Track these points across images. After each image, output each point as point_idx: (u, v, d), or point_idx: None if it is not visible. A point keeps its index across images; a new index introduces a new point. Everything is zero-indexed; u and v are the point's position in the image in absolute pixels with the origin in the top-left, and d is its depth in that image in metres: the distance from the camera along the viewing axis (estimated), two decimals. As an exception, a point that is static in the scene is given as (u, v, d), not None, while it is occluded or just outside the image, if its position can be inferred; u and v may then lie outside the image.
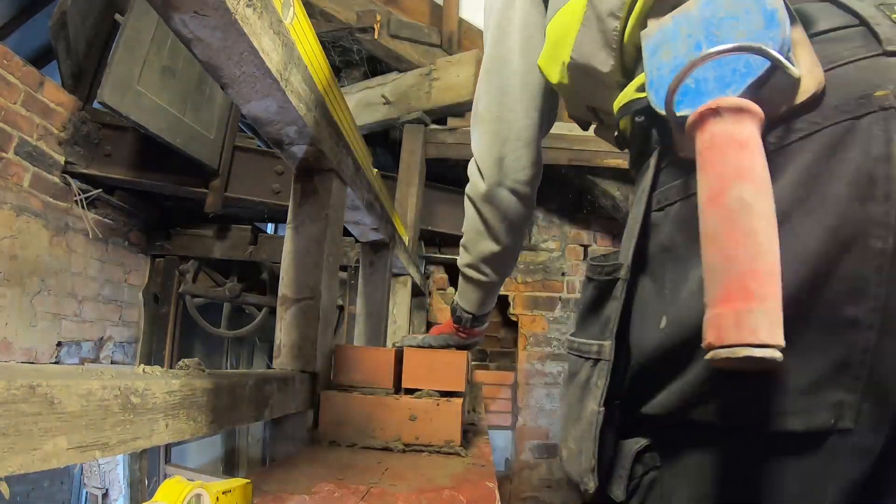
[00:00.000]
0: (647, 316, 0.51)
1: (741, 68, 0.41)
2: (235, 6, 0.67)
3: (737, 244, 0.36)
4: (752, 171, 0.37)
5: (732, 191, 0.37)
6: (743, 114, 0.39)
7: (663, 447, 0.51)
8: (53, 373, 0.45)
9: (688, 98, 0.44)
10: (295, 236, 1.19)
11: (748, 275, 0.36)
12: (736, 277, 0.36)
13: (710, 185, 0.39)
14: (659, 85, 0.47)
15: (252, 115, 0.95)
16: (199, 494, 0.48)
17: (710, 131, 0.40)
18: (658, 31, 0.49)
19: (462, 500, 0.78)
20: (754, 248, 0.36)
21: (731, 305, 0.36)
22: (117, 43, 2.07)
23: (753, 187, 0.37)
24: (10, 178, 2.11)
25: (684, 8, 0.47)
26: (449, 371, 1.22)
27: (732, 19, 0.43)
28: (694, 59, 0.42)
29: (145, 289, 3.02)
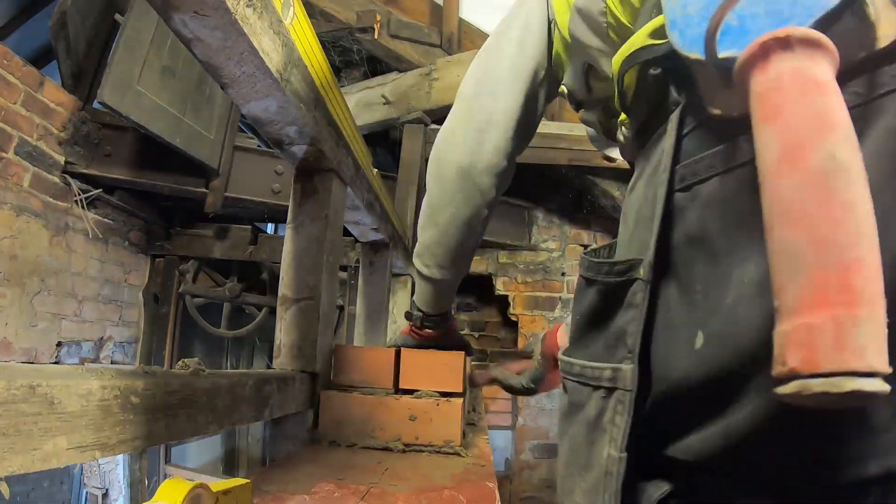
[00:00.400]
0: (675, 330, 0.39)
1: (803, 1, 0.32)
2: (235, 6, 0.67)
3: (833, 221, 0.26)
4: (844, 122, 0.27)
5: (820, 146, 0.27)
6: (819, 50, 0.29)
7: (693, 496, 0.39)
8: (53, 373, 0.45)
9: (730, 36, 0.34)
10: (295, 236, 1.19)
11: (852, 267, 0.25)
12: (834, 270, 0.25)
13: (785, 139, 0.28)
14: (685, 24, 0.37)
15: (252, 115, 0.95)
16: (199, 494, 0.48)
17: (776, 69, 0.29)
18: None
19: (462, 500, 0.78)
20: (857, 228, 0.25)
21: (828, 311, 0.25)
22: (117, 43, 2.07)
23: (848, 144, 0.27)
24: (10, 178, 2.11)
25: None
26: (447, 372, 1.22)
27: None
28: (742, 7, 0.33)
29: (145, 289, 3.02)
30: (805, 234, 0.26)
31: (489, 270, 3.33)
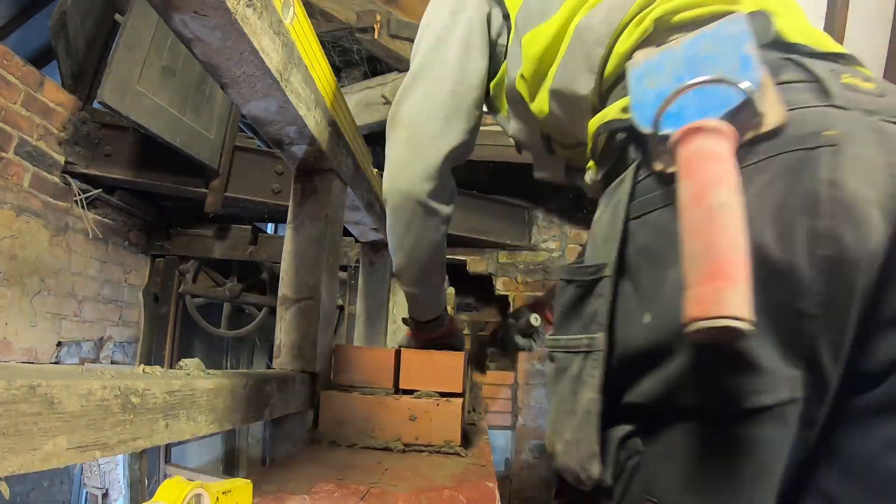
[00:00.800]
0: (630, 313, 0.56)
1: (718, 99, 0.50)
2: (235, 6, 0.67)
3: (717, 235, 0.43)
4: (729, 179, 0.45)
5: (713, 193, 0.44)
6: (721, 133, 0.47)
7: (646, 433, 0.56)
8: (53, 373, 0.45)
9: (670, 119, 0.51)
10: (295, 236, 1.19)
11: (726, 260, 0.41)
12: (716, 261, 0.42)
13: (693, 188, 0.46)
14: (643, 107, 0.54)
15: (252, 115, 0.94)
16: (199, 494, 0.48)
17: (693, 145, 0.47)
18: (644, 62, 0.57)
19: (462, 500, 0.78)
20: (731, 239, 0.42)
21: (712, 283, 0.41)
22: (117, 43, 2.07)
23: (730, 191, 0.44)
24: (10, 178, 2.11)
25: (670, 46, 0.56)
26: (447, 372, 1.22)
27: (713, 59, 0.51)
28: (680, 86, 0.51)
29: (145, 289, 3.02)
30: (700, 243, 0.43)
31: (489, 270, 3.33)
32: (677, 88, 0.50)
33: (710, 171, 0.45)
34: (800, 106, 0.50)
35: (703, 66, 0.51)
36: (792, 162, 0.48)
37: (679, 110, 0.51)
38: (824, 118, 0.49)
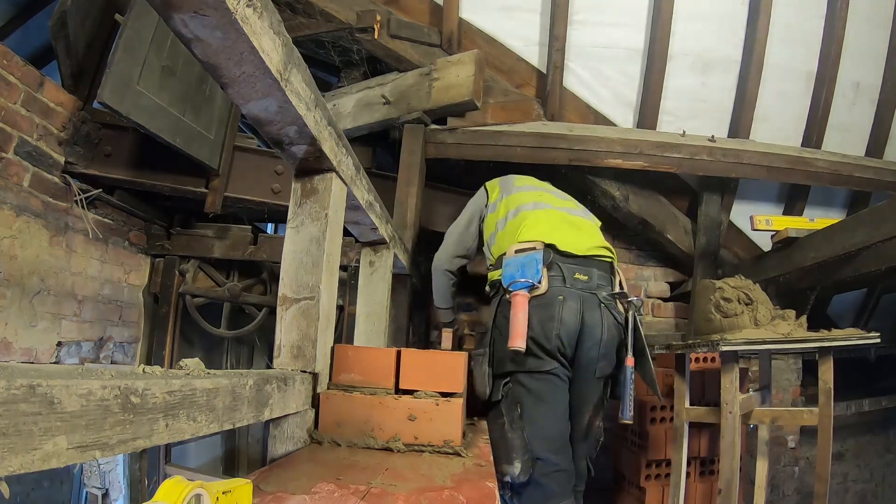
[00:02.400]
0: (499, 342, 1.63)
1: (527, 280, 1.60)
2: (235, 6, 0.67)
3: (518, 322, 1.53)
4: (525, 308, 1.55)
5: (519, 312, 1.54)
6: (525, 295, 1.58)
7: (511, 380, 1.62)
8: (53, 373, 0.45)
9: (512, 284, 1.62)
10: (295, 236, 1.19)
11: (519, 330, 1.51)
12: (518, 330, 1.52)
13: (516, 309, 1.55)
14: (505, 277, 1.66)
15: (252, 115, 0.94)
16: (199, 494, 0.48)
17: (515, 297, 1.58)
18: (510, 258, 1.68)
19: (462, 500, 0.78)
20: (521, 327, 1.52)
21: (515, 338, 1.51)
22: (117, 43, 2.07)
23: (523, 312, 1.54)
24: (10, 178, 2.11)
25: (517, 254, 1.67)
26: (447, 372, 1.22)
27: (528, 265, 1.62)
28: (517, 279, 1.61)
29: (145, 289, 3.02)
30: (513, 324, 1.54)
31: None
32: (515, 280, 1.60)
33: (518, 306, 1.55)
34: (554, 285, 1.60)
35: (526, 268, 1.60)
36: (547, 303, 1.58)
37: (514, 283, 1.61)
38: (561, 290, 1.59)
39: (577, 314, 1.56)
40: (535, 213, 1.76)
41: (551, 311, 1.54)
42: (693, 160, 2.97)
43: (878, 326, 2.42)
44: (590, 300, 1.59)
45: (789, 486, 2.98)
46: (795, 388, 2.94)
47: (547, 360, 1.55)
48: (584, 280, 1.60)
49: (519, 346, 1.43)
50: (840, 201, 3.42)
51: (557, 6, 2.89)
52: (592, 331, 1.57)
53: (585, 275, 1.60)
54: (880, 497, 3.54)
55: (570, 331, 1.55)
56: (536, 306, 1.54)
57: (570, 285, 1.57)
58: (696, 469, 2.52)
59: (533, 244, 1.62)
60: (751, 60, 2.99)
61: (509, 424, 1.52)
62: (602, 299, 1.60)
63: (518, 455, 1.45)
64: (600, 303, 1.60)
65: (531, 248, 1.62)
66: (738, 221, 3.31)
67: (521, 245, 1.64)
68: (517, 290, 1.53)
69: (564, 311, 1.54)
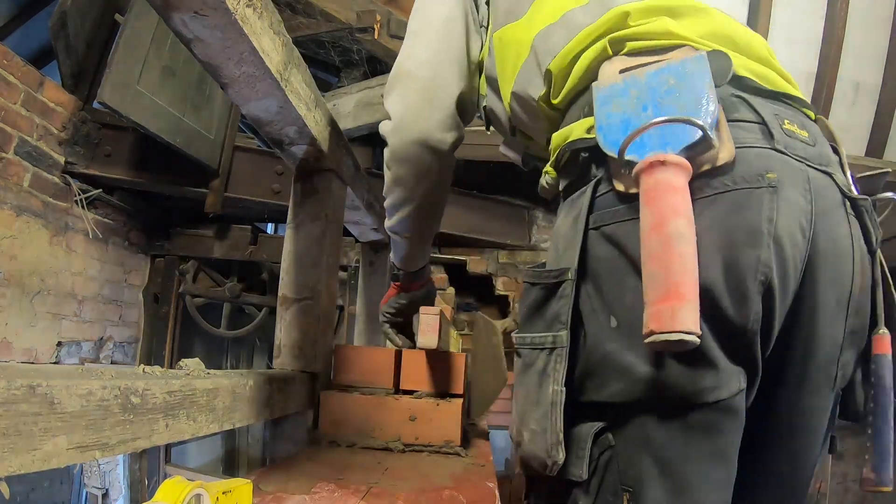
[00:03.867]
0: (595, 314, 0.61)
1: (678, 133, 0.55)
2: (235, 6, 0.67)
3: (673, 261, 0.50)
4: (685, 211, 0.52)
5: (671, 223, 0.51)
6: (680, 168, 0.53)
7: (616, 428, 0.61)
8: (53, 373, 0.45)
9: (634, 147, 0.56)
10: (295, 236, 1.19)
11: (681, 284, 0.49)
12: (672, 284, 0.49)
13: (654, 216, 0.52)
14: (608, 131, 0.59)
15: (252, 115, 0.94)
16: (199, 494, 0.48)
17: (655, 177, 0.53)
18: (609, 86, 0.61)
19: (462, 500, 0.78)
20: (685, 266, 0.50)
21: (668, 303, 0.49)
22: (117, 43, 2.07)
23: (686, 222, 0.51)
24: (10, 178, 2.11)
25: (635, 73, 0.60)
26: (447, 372, 1.22)
27: (675, 93, 0.57)
28: (646, 123, 0.55)
29: (145, 289, 3.02)
30: (660, 267, 0.50)
31: (489, 270, 3.33)
32: (645, 125, 0.55)
33: (669, 203, 0.52)
34: (748, 144, 0.58)
35: (666, 98, 0.57)
36: (739, 199, 0.56)
37: (642, 139, 0.56)
38: (767, 161, 0.57)
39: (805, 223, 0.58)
40: None
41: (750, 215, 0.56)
42: (693, 160, 2.96)
43: (878, 326, 2.41)
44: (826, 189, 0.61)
45: (789, 486, 2.98)
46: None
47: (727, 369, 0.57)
48: (805, 138, 0.61)
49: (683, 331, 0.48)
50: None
51: (557, 6, 2.88)
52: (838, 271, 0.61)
53: (803, 128, 0.63)
54: (880, 497, 3.54)
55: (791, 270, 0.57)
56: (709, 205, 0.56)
57: (785, 148, 0.58)
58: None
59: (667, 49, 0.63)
60: (751, 60, 2.99)
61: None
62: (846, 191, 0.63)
63: None
64: (844, 199, 0.62)
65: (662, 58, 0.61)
66: (738, 221, 3.30)
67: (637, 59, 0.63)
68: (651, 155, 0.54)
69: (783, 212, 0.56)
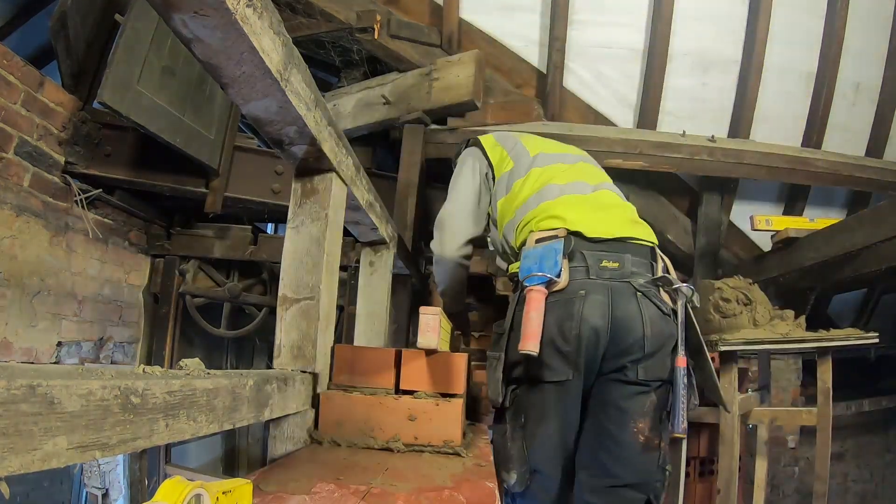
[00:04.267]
0: (513, 343, 1.30)
1: (543, 275, 1.28)
2: (235, 6, 0.67)
3: (531, 322, 1.22)
4: (539, 307, 1.24)
5: (532, 311, 1.24)
6: (541, 291, 1.26)
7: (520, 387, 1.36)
8: (53, 373, 0.45)
9: (528, 280, 1.29)
10: (295, 236, 1.19)
11: (531, 332, 1.21)
12: (529, 331, 1.21)
13: (527, 308, 1.25)
14: (522, 270, 1.34)
15: (252, 115, 0.94)
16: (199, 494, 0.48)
17: (529, 293, 1.27)
18: (528, 250, 1.37)
19: (462, 500, 0.78)
20: (534, 327, 1.22)
21: (529, 339, 1.21)
22: (117, 43, 2.07)
23: (536, 311, 1.24)
24: (10, 178, 2.11)
25: (533, 246, 1.37)
26: (448, 373, 1.22)
27: (546, 258, 1.31)
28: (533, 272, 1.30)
29: (145, 289, 3.02)
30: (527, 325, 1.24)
31: (489, 270, 3.33)
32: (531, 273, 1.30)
33: (533, 303, 1.25)
34: (575, 278, 1.30)
35: (544, 260, 1.30)
36: (566, 300, 1.28)
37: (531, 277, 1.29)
38: (583, 284, 1.29)
39: (603, 308, 1.27)
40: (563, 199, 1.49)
41: (570, 309, 1.27)
42: (693, 160, 2.97)
43: (878, 326, 2.42)
44: (621, 290, 1.30)
45: (789, 486, 2.98)
46: (795, 388, 2.94)
47: (561, 369, 1.29)
48: (614, 267, 1.32)
49: (530, 350, 1.20)
50: (840, 201, 3.42)
51: (557, 6, 2.89)
52: (629, 325, 1.28)
53: (616, 261, 1.32)
54: (880, 497, 3.54)
55: (594, 329, 1.27)
56: (554, 303, 1.28)
57: (596, 276, 1.30)
58: (696, 469, 2.52)
59: (555, 231, 1.38)
60: (751, 60, 2.99)
61: (511, 433, 1.37)
62: (638, 287, 1.31)
63: (515, 466, 1.34)
64: (636, 291, 1.30)
65: (552, 237, 1.37)
66: (738, 221, 3.31)
67: (542, 234, 1.40)
68: (532, 284, 1.28)
69: (586, 306, 1.27)
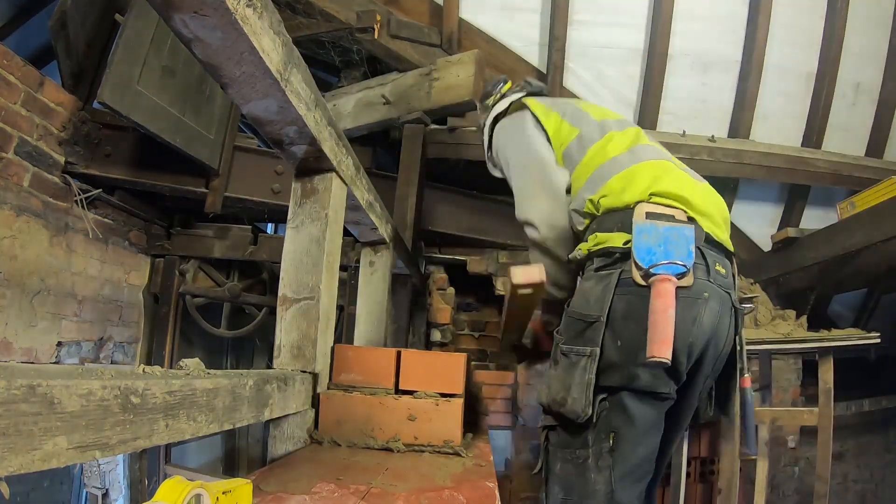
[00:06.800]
0: (609, 340, 1.13)
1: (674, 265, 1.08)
2: (235, 6, 0.67)
3: (668, 326, 1.03)
4: (674, 304, 1.05)
5: (670, 309, 1.04)
6: (672, 283, 1.06)
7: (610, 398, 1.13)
8: (53, 373, 0.45)
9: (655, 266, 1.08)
10: (295, 236, 1.19)
11: (668, 335, 1.02)
12: (667, 336, 1.02)
13: (663, 303, 1.05)
14: (640, 251, 1.11)
15: (252, 115, 0.94)
16: (199, 494, 0.49)
17: (664, 285, 1.06)
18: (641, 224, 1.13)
19: (462, 500, 0.78)
20: (671, 330, 1.03)
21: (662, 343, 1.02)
22: (117, 43, 2.07)
23: (672, 309, 1.04)
24: (10, 178, 2.11)
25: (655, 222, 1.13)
26: (447, 373, 1.22)
27: (675, 244, 1.10)
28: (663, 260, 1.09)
29: (145, 289, 3.02)
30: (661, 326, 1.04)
31: (489, 270, 3.33)
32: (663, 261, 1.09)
33: (669, 299, 1.06)
34: (698, 278, 1.12)
35: (672, 245, 1.11)
36: (691, 302, 1.11)
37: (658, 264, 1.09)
38: (704, 286, 1.13)
39: (716, 318, 1.13)
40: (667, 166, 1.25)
41: (694, 312, 1.10)
42: (693, 160, 2.97)
43: (878, 326, 2.42)
44: (726, 302, 1.17)
45: (789, 486, 2.98)
46: (795, 388, 2.94)
47: (666, 378, 1.11)
48: (723, 274, 1.17)
49: (664, 358, 1.01)
50: (840, 201, 3.42)
51: (557, 6, 2.89)
52: (719, 341, 1.17)
53: (723, 267, 1.18)
54: (880, 497, 3.54)
55: (707, 339, 1.14)
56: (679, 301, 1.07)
57: (713, 279, 1.14)
58: (696, 469, 2.52)
59: (673, 211, 1.15)
60: (751, 60, 2.99)
61: (594, 460, 1.10)
62: (734, 302, 1.19)
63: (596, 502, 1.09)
64: (733, 307, 1.18)
65: (671, 217, 1.13)
66: (738, 221, 3.31)
67: (657, 207, 1.14)
68: (663, 273, 1.06)
69: (707, 313, 1.11)
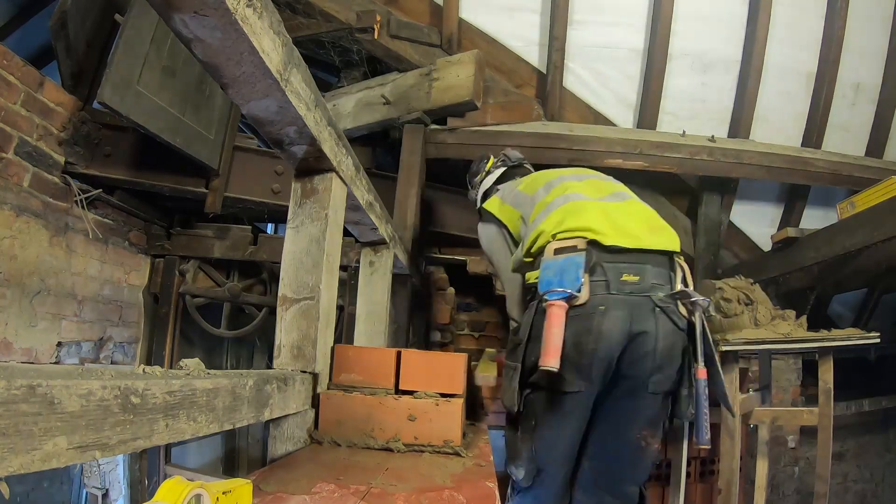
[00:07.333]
0: (529, 354, 1.38)
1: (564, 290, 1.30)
2: (235, 6, 0.67)
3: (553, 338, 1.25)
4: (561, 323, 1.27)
5: (553, 327, 1.26)
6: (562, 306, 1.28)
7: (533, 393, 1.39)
8: (53, 373, 0.45)
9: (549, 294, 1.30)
10: (295, 236, 1.19)
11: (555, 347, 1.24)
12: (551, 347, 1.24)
13: (548, 324, 1.27)
14: (541, 282, 1.36)
15: (252, 115, 0.94)
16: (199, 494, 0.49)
17: (550, 308, 1.28)
18: (548, 260, 1.37)
19: (462, 500, 0.78)
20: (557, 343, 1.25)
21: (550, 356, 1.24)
22: (117, 43, 2.07)
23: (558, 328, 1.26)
24: (10, 178, 2.11)
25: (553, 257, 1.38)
26: (447, 373, 1.22)
27: (567, 271, 1.32)
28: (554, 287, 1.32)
29: (145, 289, 3.02)
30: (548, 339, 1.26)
31: (489, 270, 3.33)
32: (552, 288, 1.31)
33: (556, 318, 1.26)
34: (595, 293, 1.31)
35: (565, 274, 1.32)
36: (585, 315, 1.30)
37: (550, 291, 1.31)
38: (603, 299, 1.30)
39: (623, 324, 1.30)
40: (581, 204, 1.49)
41: (588, 324, 1.30)
42: (693, 160, 2.97)
43: (878, 326, 2.41)
44: (641, 305, 1.32)
45: (789, 486, 2.98)
46: (795, 388, 2.94)
47: (574, 380, 1.32)
48: (635, 281, 1.33)
49: (551, 366, 1.22)
50: (840, 201, 3.42)
51: (557, 6, 2.89)
52: (644, 340, 1.32)
53: (636, 274, 1.33)
54: (880, 497, 3.54)
55: (612, 344, 1.31)
56: (573, 318, 1.29)
57: (617, 290, 1.32)
58: (696, 469, 2.52)
59: (574, 242, 1.36)
60: (751, 60, 2.99)
61: (521, 434, 1.43)
62: (658, 302, 1.33)
63: (523, 463, 1.42)
64: (655, 307, 1.33)
65: (571, 248, 1.36)
66: (738, 221, 3.31)
67: (561, 243, 1.38)
68: (553, 300, 1.28)
69: (606, 322, 1.30)
